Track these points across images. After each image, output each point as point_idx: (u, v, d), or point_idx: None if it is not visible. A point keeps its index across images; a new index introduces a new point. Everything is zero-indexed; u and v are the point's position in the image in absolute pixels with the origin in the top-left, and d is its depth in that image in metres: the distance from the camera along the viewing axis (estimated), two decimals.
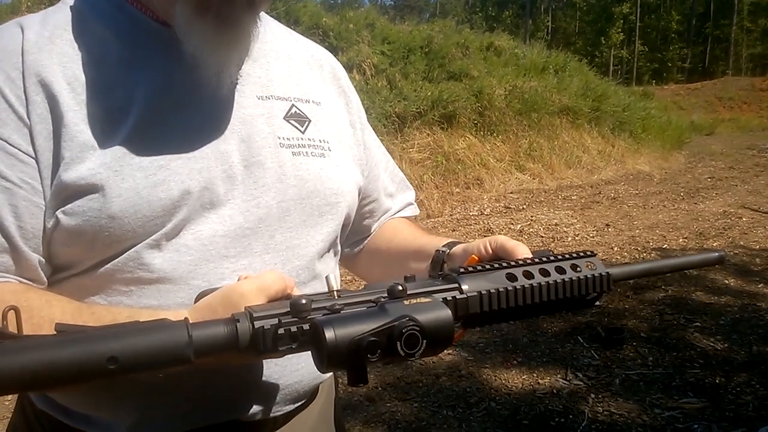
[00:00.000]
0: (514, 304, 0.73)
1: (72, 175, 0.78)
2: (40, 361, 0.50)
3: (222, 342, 0.59)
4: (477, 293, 0.71)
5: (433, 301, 0.61)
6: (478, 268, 0.73)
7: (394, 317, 0.58)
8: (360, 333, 0.55)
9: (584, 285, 0.77)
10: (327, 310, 0.61)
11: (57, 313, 0.75)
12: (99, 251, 0.80)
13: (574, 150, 10.89)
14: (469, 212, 7.67)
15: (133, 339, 0.53)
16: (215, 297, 0.73)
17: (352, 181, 1.02)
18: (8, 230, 0.78)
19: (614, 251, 5.98)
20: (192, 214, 0.83)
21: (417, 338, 0.57)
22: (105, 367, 0.51)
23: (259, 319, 0.61)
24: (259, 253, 0.88)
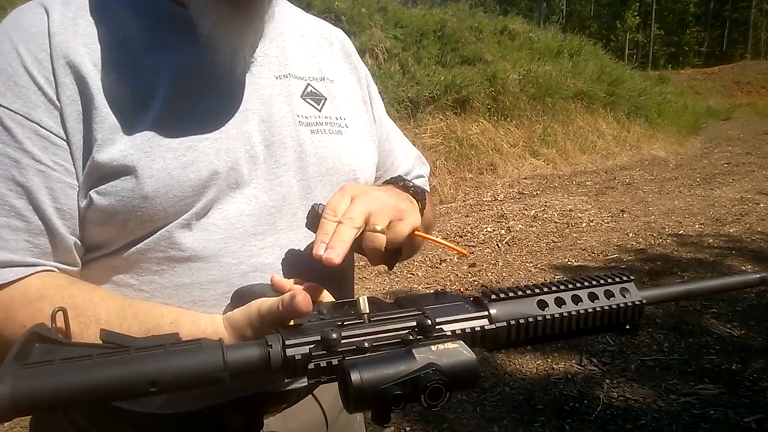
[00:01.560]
0: (542, 333, 0.72)
1: (104, 157, 0.79)
2: (86, 381, 0.53)
3: (254, 364, 0.61)
4: (506, 324, 0.70)
5: (460, 347, 0.61)
6: (509, 294, 0.72)
7: (420, 365, 0.57)
8: (385, 381, 0.56)
9: (616, 314, 0.74)
10: (356, 347, 0.61)
11: (102, 313, 0.77)
12: (131, 231, 0.81)
13: (589, 135, 10.80)
14: (483, 198, 7.64)
15: (172, 363, 0.56)
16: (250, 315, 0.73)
17: (369, 157, 1.03)
18: (45, 213, 0.79)
19: (629, 237, 5.93)
20: (220, 194, 0.84)
21: (441, 391, 0.57)
22: (146, 390, 0.54)
23: (291, 347, 0.62)
24: (284, 231, 0.89)
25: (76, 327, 0.74)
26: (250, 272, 0.86)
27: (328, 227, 0.78)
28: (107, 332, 0.60)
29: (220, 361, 0.58)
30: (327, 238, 0.77)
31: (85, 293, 0.79)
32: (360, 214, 0.78)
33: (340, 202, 0.81)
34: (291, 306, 0.67)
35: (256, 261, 0.87)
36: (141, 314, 0.78)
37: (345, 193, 0.82)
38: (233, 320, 0.75)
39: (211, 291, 0.85)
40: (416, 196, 0.94)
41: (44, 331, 0.59)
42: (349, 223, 0.77)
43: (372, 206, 0.80)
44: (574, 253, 5.52)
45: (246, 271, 0.86)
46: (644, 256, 5.36)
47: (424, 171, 1.25)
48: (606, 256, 5.39)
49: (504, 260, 5.36)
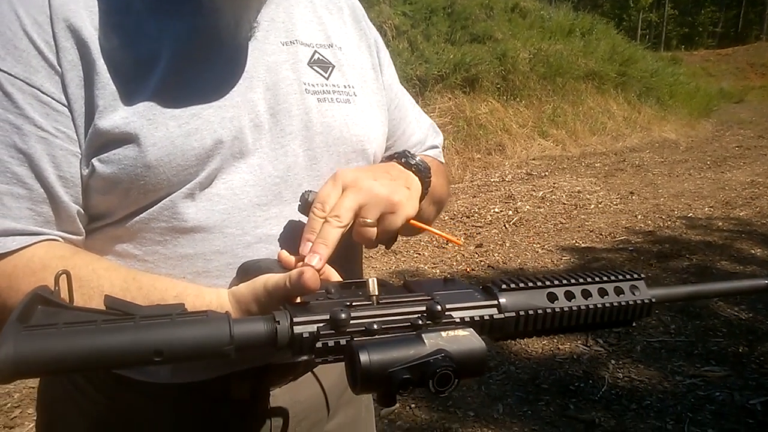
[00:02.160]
0: (550, 326, 0.71)
1: (106, 124, 0.77)
2: (89, 347, 0.52)
3: (261, 340, 0.60)
4: (514, 314, 0.69)
5: (470, 335, 0.60)
6: (520, 285, 0.71)
7: (429, 351, 0.57)
8: (394, 364, 0.55)
9: (625, 311, 0.74)
10: (365, 329, 0.60)
11: (105, 285, 0.76)
12: (134, 200, 0.80)
13: (599, 116, 10.70)
14: (490, 179, 7.60)
15: (178, 334, 0.55)
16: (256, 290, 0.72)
17: (379, 127, 1.01)
18: (48, 180, 0.78)
19: (638, 219, 5.90)
20: (223, 163, 0.82)
21: (449, 378, 0.56)
22: (151, 359, 0.54)
23: (299, 325, 0.61)
24: (289, 201, 0.87)
25: (80, 298, 0.73)
26: (254, 243, 0.85)
27: (314, 224, 0.78)
28: (112, 299, 0.59)
29: (226, 334, 0.57)
30: (313, 236, 0.77)
31: (89, 264, 0.78)
32: (348, 210, 0.78)
33: (330, 193, 0.79)
34: (299, 283, 0.66)
35: (261, 232, 0.86)
36: (145, 287, 0.77)
37: (336, 182, 0.80)
38: (239, 295, 0.73)
39: (215, 262, 0.84)
40: (420, 174, 0.92)
41: (47, 293, 0.58)
42: (335, 222, 0.77)
43: (362, 199, 0.79)
44: (581, 234, 5.49)
45: (250, 242, 0.85)
46: (653, 238, 5.33)
47: (437, 141, 1.21)
48: (614, 238, 5.37)
49: (511, 241, 5.34)
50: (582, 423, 2.75)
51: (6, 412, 2.88)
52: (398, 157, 0.94)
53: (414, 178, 0.91)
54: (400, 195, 0.83)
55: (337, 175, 0.81)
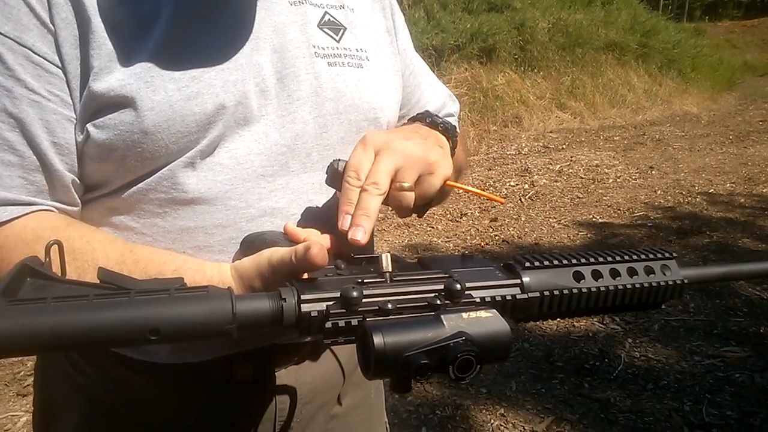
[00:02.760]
0: (575, 307, 0.67)
1: (101, 87, 0.72)
2: (80, 324, 0.49)
3: (265, 318, 0.56)
4: (539, 294, 0.65)
5: (493, 317, 0.55)
6: (544, 263, 0.66)
7: (449, 333, 0.52)
8: (411, 348, 0.51)
9: (655, 293, 0.70)
10: (378, 308, 0.56)
11: (101, 258, 0.72)
12: (131, 169, 0.76)
13: (619, 88, 10.48)
14: (506, 151, 7.49)
15: (176, 311, 0.51)
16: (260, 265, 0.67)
17: (392, 93, 0.95)
18: (40, 147, 0.73)
19: (657, 194, 5.78)
20: (226, 130, 0.77)
21: (471, 363, 0.52)
22: (147, 337, 0.50)
23: (307, 302, 0.56)
24: (297, 172, 0.83)
25: (73, 272, 0.69)
26: (258, 217, 0.80)
27: (351, 194, 0.71)
28: (106, 271, 0.55)
29: (228, 311, 0.53)
30: (351, 207, 0.71)
31: (84, 236, 0.73)
32: (385, 174, 0.71)
33: (362, 159, 0.73)
34: (305, 258, 0.61)
35: (266, 205, 0.81)
36: (142, 260, 0.73)
37: (367, 147, 0.74)
38: (241, 269, 0.69)
39: (217, 236, 0.79)
40: (447, 133, 0.86)
41: (37, 265, 0.54)
42: (374, 189, 0.70)
43: (398, 161, 0.73)
44: (599, 209, 5.39)
45: (254, 215, 0.80)
46: (672, 214, 5.23)
47: (454, 109, 1.14)
48: (632, 213, 5.27)
49: (527, 215, 5.26)
50: (597, 402, 2.70)
51: (20, 380, 2.89)
52: (422, 117, 0.88)
53: (442, 137, 0.85)
54: (435, 154, 0.77)
55: (367, 139, 0.75)
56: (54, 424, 0.94)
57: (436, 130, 0.85)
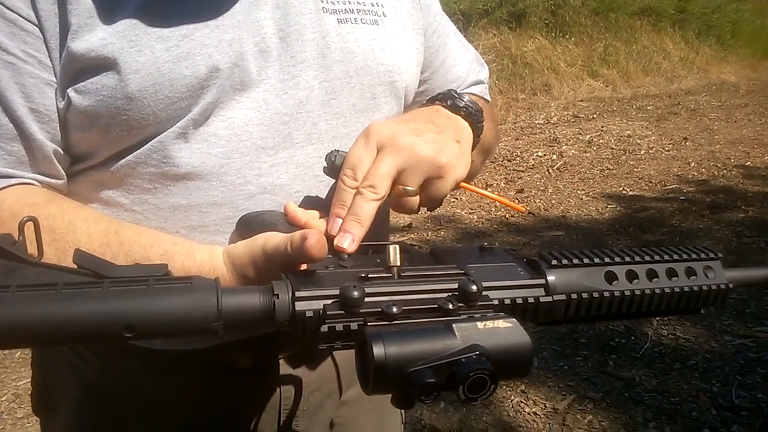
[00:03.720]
0: (605, 312, 0.60)
1: (80, 47, 0.65)
2: (46, 318, 0.44)
3: (255, 316, 0.51)
4: (565, 297, 0.58)
5: (513, 327, 0.48)
6: (573, 261, 0.59)
7: (461, 347, 0.46)
8: (416, 362, 0.45)
9: (696, 298, 0.62)
10: (381, 311, 0.49)
11: (83, 239, 0.66)
12: (117, 139, 0.69)
13: (654, 56, 10.15)
14: (535, 120, 7.31)
15: (154, 304, 0.46)
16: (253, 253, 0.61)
17: (411, 54, 0.85)
18: (17, 113, 0.67)
19: (691, 167, 5.60)
20: (221, 96, 0.70)
21: (485, 383, 0.45)
22: (120, 334, 0.45)
23: (302, 300, 0.51)
24: (301, 144, 0.75)
25: (53, 254, 0.64)
26: (258, 194, 0.73)
27: (344, 195, 0.64)
28: (82, 254, 0.50)
29: (213, 307, 0.47)
30: (343, 210, 0.64)
31: (65, 214, 0.68)
32: (385, 177, 0.63)
33: (362, 156, 0.65)
34: (301, 249, 0.54)
35: (266, 181, 0.73)
36: (127, 243, 0.67)
37: (369, 141, 0.65)
38: (234, 255, 0.63)
39: (212, 215, 0.73)
40: (471, 118, 0.76)
41: (8, 244, 0.50)
42: (369, 193, 0.63)
43: (402, 161, 0.64)
44: (629, 181, 5.25)
45: (253, 192, 0.73)
46: (706, 187, 5.06)
47: (482, 75, 1.04)
48: (664, 186, 5.11)
49: (554, 187, 5.14)
50: (621, 381, 2.63)
51: None
52: (443, 98, 0.78)
53: (464, 125, 0.75)
54: (448, 154, 0.67)
55: (371, 131, 0.66)
56: (51, 404, 0.90)
57: (458, 115, 0.75)
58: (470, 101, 0.77)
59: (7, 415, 2.46)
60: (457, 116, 0.75)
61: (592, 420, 2.41)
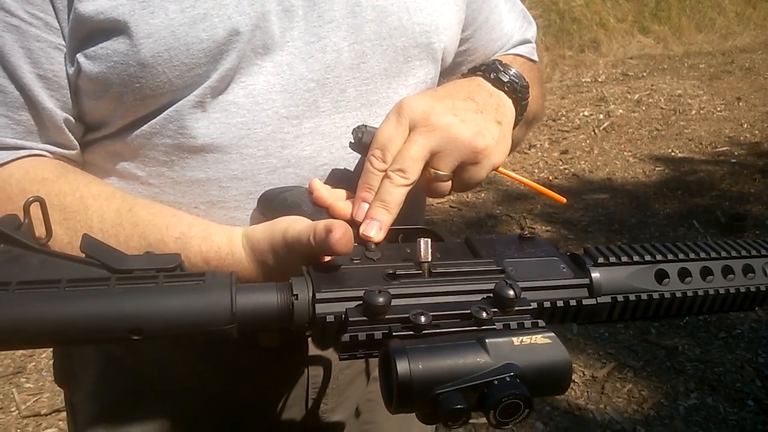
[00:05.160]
0: (653, 314, 0.56)
1: (89, 8, 0.61)
2: (47, 319, 0.42)
3: (272, 317, 0.48)
4: (610, 300, 0.54)
5: (552, 344, 0.44)
6: (621, 258, 0.55)
7: (494, 367, 0.42)
8: (443, 382, 0.41)
9: (752, 300, 0.58)
10: (409, 321, 0.45)
11: (95, 219, 0.63)
12: (131, 108, 0.65)
13: (708, 11, 9.68)
14: (582, 79, 7.09)
15: (163, 306, 0.43)
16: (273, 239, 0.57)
17: (451, 12, 0.77)
18: (23, 80, 0.63)
19: (744, 128, 5.37)
20: (242, 61, 0.65)
21: (518, 407, 0.41)
22: (127, 337, 0.43)
23: (323, 302, 0.48)
24: (328, 113, 0.70)
25: (63, 233, 0.61)
26: (281, 168, 0.69)
27: (372, 179, 0.60)
28: (90, 241, 0.48)
29: (227, 309, 0.44)
30: (370, 194, 0.60)
31: (76, 191, 0.64)
32: (417, 161, 0.60)
33: (392, 135, 0.61)
34: (325, 243, 0.51)
35: (289, 153, 0.69)
36: (141, 224, 0.63)
37: (401, 119, 0.61)
38: (253, 240, 0.59)
39: (232, 190, 0.69)
40: (515, 94, 0.71)
41: (11, 228, 0.47)
42: (398, 178, 0.59)
43: (436, 144, 0.60)
44: (679, 143, 5.07)
45: (276, 166, 0.69)
46: (759, 150, 4.86)
47: (530, 34, 0.95)
48: (715, 148, 4.93)
49: (600, 148, 5.01)
50: (663, 349, 2.60)
51: None
52: (486, 70, 0.72)
53: (506, 103, 0.70)
54: (486, 138, 0.63)
55: (403, 108, 0.62)
56: (73, 377, 0.89)
57: (501, 91, 0.70)
58: (516, 75, 0.72)
59: (47, 372, 2.54)
60: (501, 92, 0.70)
61: (632, 389, 2.40)
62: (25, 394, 2.45)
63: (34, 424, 2.32)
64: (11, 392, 2.45)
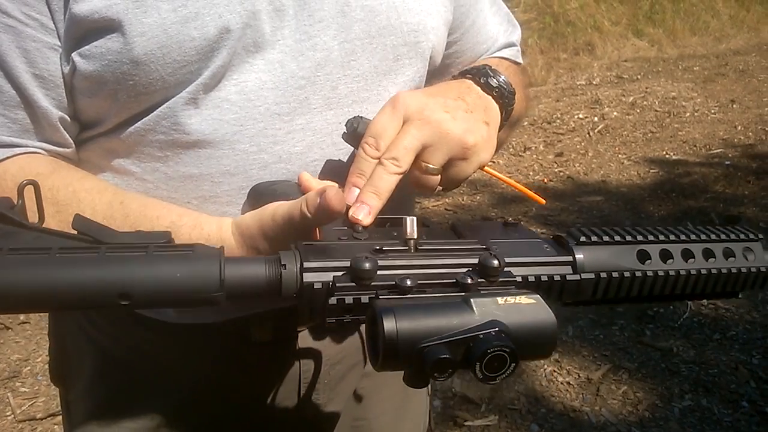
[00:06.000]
0: (637, 293, 0.57)
1: (84, 8, 0.62)
2: (38, 282, 0.42)
3: (260, 287, 0.48)
4: (593, 276, 0.55)
5: (536, 304, 0.45)
6: (603, 238, 0.56)
7: (479, 322, 0.43)
8: (428, 337, 0.42)
9: (734, 281, 0.59)
10: (395, 284, 0.47)
11: (86, 210, 0.64)
12: (125, 105, 0.67)
13: (702, 14, 9.73)
14: (576, 81, 7.11)
15: (152, 272, 0.43)
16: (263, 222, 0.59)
17: (439, 12, 0.79)
18: (19, 79, 0.65)
19: (737, 130, 5.40)
20: (233, 59, 0.67)
21: (504, 361, 0.42)
22: (116, 302, 0.43)
23: (310, 271, 0.48)
24: (319, 110, 0.71)
25: (56, 226, 0.61)
26: (272, 163, 0.71)
27: (364, 165, 0.62)
28: (82, 220, 0.48)
29: (215, 277, 0.45)
30: (361, 180, 0.61)
31: (69, 185, 0.66)
32: (409, 151, 0.61)
33: (386, 125, 0.63)
34: (320, 205, 0.52)
35: (281, 149, 0.71)
36: (133, 215, 0.65)
37: (396, 111, 0.63)
38: (243, 227, 0.61)
39: (224, 185, 0.70)
40: (502, 100, 0.73)
41: (5, 207, 0.48)
42: (391, 166, 0.61)
43: (428, 137, 0.62)
44: (673, 145, 5.10)
45: (267, 161, 0.71)
46: (753, 152, 4.88)
47: (514, 37, 0.97)
48: (709, 150, 4.95)
49: (594, 150, 5.03)
50: (658, 351, 2.61)
51: None
52: (476, 74, 0.74)
53: (494, 107, 0.72)
54: (476, 136, 0.65)
55: (398, 101, 0.64)
56: (69, 374, 0.91)
57: (489, 95, 0.72)
58: (505, 81, 0.74)
59: (42, 376, 2.55)
60: (488, 96, 0.72)
61: (627, 391, 2.40)
62: (20, 399, 2.45)
63: (30, 429, 2.32)
64: (6, 396, 2.45)
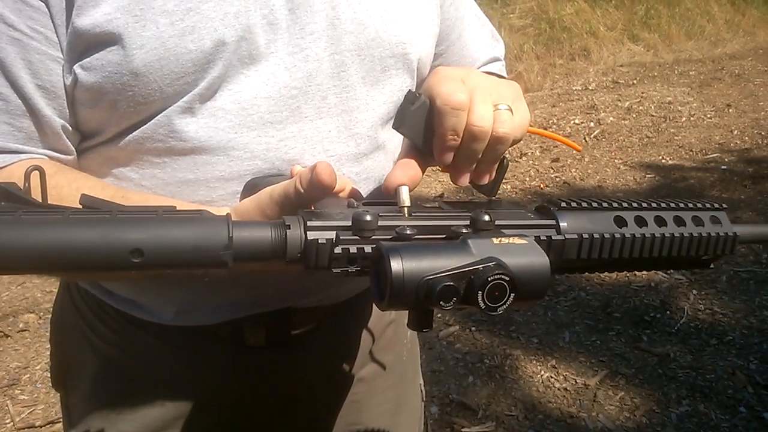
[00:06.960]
0: (618, 255, 0.60)
1: (85, 22, 0.65)
2: (51, 241, 0.43)
3: (267, 249, 0.50)
4: (577, 236, 0.58)
5: (529, 244, 0.48)
6: (583, 205, 0.61)
7: (478, 258, 0.46)
8: (434, 272, 0.45)
9: (704, 244, 0.64)
10: (396, 234, 0.50)
11: None
12: (124, 115, 0.69)
13: (697, 18, 9.77)
14: (572, 87, 7.13)
15: (163, 230, 0.45)
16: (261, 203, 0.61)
17: (426, 25, 0.82)
18: (24, 89, 0.68)
19: (734, 135, 5.41)
20: (228, 70, 0.69)
21: (504, 290, 0.45)
22: (128, 260, 0.44)
23: (314, 230, 0.50)
24: (310, 118, 0.74)
25: None
26: (266, 169, 0.74)
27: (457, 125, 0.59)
28: (89, 197, 0.49)
29: (223, 234, 0.46)
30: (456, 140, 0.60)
31: (72, 182, 0.69)
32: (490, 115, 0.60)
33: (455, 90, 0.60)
34: (313, 179, 0.54)
35: (274, 156, 0.73)
36: (134, 203, 0.68)
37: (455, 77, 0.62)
38: (242, 211, 0.63)
39: (219, 190, 0.73)
40: None
41: (13, 188, 0.49)
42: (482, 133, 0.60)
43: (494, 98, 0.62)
44: (669, 150, 5.10)
45: (261, 167, 0.74)
46: (749, 156, 4.89)
47: (498, 52, 1.01)
48: (705, 155, 4.96)
49: (591, 155, 5.03)
50: (655, 357, 2.60)
51: None
52: None
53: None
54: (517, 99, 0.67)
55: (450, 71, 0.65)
56: (70, 379, 0.93)
57: None
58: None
59: (41, 384, 2.55)
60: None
61: (624, 396, 2.39)
62: (19, 406, 2.44)
63: None
64: (6, 404, 2.45)
